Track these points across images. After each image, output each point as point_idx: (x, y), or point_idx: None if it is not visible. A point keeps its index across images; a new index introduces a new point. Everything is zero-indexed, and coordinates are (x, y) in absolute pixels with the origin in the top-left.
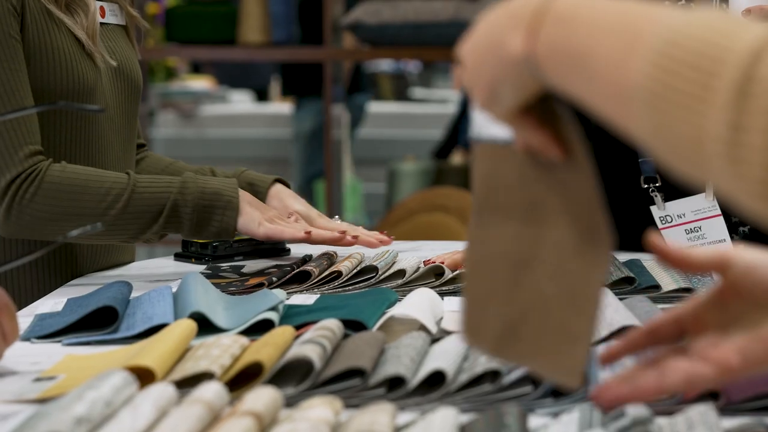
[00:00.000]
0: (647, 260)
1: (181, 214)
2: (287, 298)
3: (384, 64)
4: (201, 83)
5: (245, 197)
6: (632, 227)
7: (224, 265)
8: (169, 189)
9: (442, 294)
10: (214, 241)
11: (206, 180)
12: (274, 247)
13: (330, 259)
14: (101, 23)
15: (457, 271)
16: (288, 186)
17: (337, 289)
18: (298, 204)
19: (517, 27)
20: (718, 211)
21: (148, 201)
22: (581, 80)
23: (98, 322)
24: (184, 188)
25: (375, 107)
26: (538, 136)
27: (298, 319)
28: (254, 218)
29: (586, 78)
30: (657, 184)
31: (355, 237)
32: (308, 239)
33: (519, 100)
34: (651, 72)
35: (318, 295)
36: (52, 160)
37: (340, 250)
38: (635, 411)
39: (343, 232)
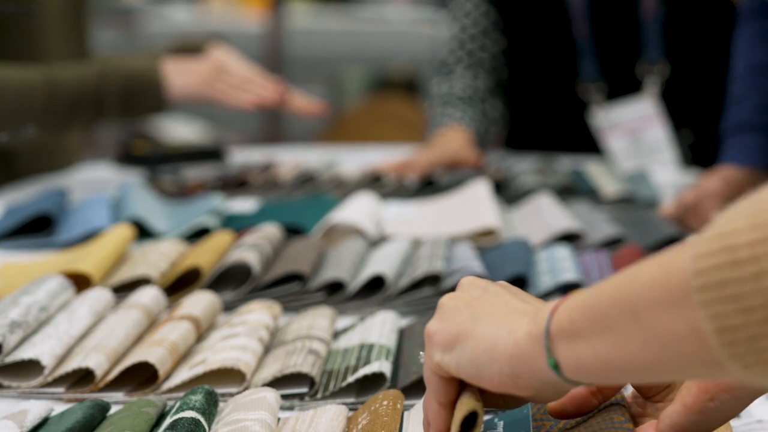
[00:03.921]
0: (588, 167)
1: (106, 99)
2: (225, 200)
3: None
4: None
5: (171, 68)
6: (571, 129)
7: (164, 170)
8: (88, 76)
9: (384, 198)
10: (154, 148)
11: (126, 61)
12: (214, 151)
13: (270, 167)
14: None
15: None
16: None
17: (278, 196)
18: (238, 66)
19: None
20: (659, 116)
21: (70, 92)
22: (618, 312)
23: (35, 228)
24: (104, 73)
25: (315, 22)
26: (440, 411)
27: (238, 224)
28: (189, 83)
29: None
30: (597, 84)
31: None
32: (253, 104)
33: (487, 381)
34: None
35: (258, 202)
36: None
37: (281, 159)
38: None
39: (281, 94)
